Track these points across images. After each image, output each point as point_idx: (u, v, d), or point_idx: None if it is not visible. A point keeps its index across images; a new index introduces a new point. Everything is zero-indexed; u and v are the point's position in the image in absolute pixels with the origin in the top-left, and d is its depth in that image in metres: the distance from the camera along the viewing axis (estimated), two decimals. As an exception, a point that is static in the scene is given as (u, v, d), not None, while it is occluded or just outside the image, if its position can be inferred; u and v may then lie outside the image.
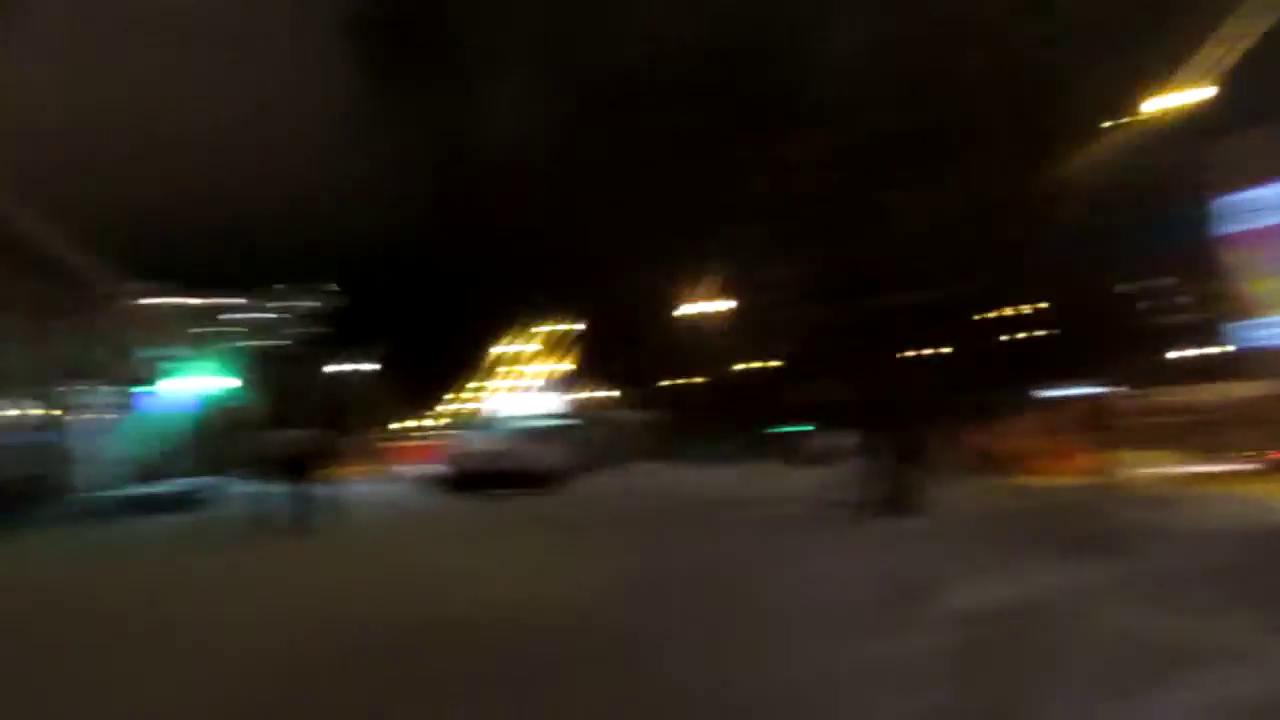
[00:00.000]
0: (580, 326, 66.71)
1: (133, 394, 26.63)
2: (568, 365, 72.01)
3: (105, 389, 24.92)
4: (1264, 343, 34.38)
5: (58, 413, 21.58)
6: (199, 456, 30.97)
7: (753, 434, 43.95)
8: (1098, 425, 27.34)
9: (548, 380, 72.89)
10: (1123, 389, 29.18)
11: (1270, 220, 34.74)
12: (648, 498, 26.70)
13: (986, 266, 13.64)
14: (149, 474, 26.23)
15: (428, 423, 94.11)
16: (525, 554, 12.52)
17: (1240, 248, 35.39)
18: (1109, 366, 26.30)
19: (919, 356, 23.13)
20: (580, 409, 67.65)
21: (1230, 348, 37.38)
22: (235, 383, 37.48)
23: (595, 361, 72.13)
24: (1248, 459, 26.77)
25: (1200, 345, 39.44)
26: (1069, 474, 29.79)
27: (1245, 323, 35.90)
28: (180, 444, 32.28)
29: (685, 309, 52.04)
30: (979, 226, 9.47)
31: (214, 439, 35.07)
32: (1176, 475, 26.57)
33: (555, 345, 69.83)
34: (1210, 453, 28.54)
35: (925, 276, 13.37)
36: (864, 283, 13.36)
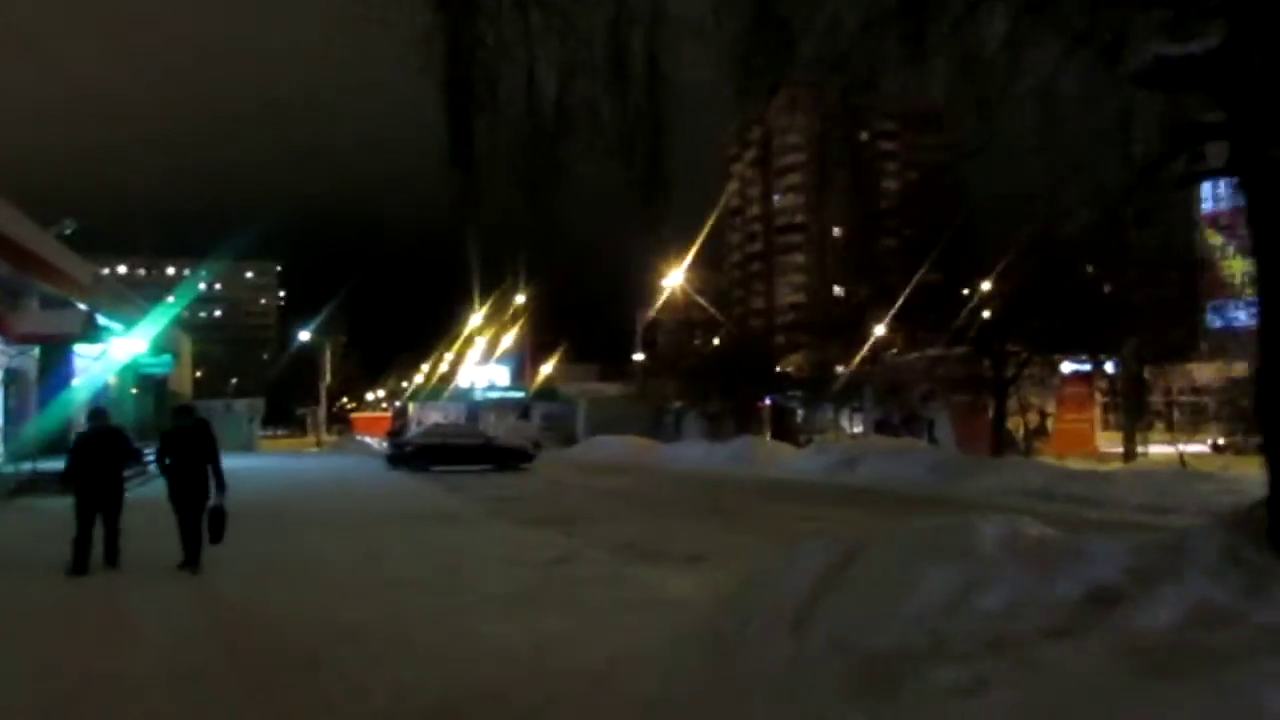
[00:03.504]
0: (547, 297, 63.82)
1: (45, 356, 22.86)
2: (534, 338, 68.94)
3: (9, 347, 21.22)
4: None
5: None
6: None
7: (737, 406, 41.47)
8: (1132, 402, 25.26)
9: (515, 353, 69.78)
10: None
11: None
12: (658, 482, 23.74)
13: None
14: (53, 449, 22.68)
15: (394, 393, 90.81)
16: (520, 575, 8.98)
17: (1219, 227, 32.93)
18: (1138, 338, 23.85)
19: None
20: (545, 383, 64.80)
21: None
22: (164, 353, 33.75)
23: (563, 334, 69.24)
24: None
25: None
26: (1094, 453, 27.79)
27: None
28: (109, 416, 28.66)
29: (669, 278, 49.47)
30: None
31: (136, 412, 31.51)
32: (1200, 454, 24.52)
33: (523, 317, 66.63)
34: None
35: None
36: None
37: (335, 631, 6.63)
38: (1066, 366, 28.74)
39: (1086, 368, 29.06)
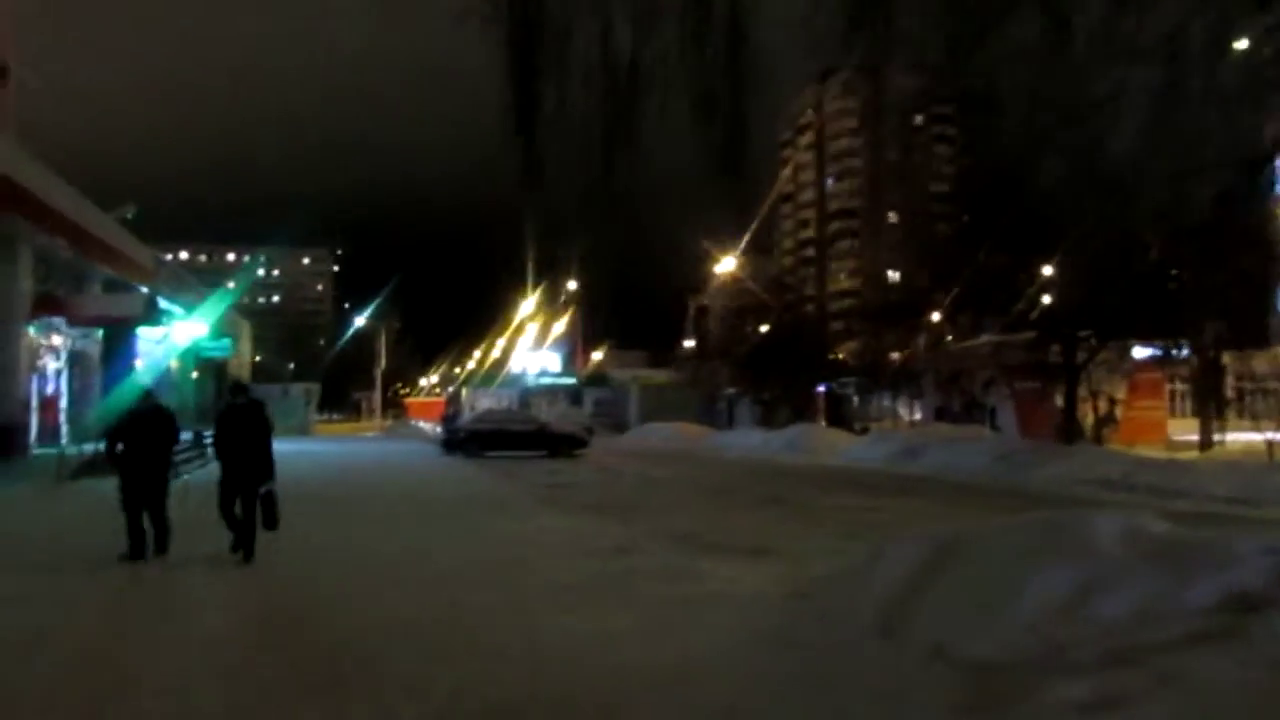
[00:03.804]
0: (599, 282, 63.57)
1: (108, 339, 23.15)
2: (585, 324, 68.86)
3: (72, 330, 21.53)
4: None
5: (16, 353, 18.22)
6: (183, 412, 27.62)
7: (792, 393, 40.88)
8: (1208, 389, 24.17)
9: (567, 339, 69.80)
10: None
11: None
12: (726, 473, 23.39)
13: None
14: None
15: (447, 379, 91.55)
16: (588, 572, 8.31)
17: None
18: (1218, 322, 22.76)
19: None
20: (596, 369, 64.69)
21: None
22: (224, 337, 34.17)
23: (614, 320, 69.03)
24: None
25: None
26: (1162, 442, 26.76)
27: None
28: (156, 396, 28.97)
29: (721, 264, 48.98)
30: None
31: (196, 395, 31.97)
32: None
33: (575, 303, 66.54)
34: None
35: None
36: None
37: (390, 627, 6.36)
38: (1138, 352, 27.70)
39: (1158, 353, 27.99)
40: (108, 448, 9.08)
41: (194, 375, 34.06)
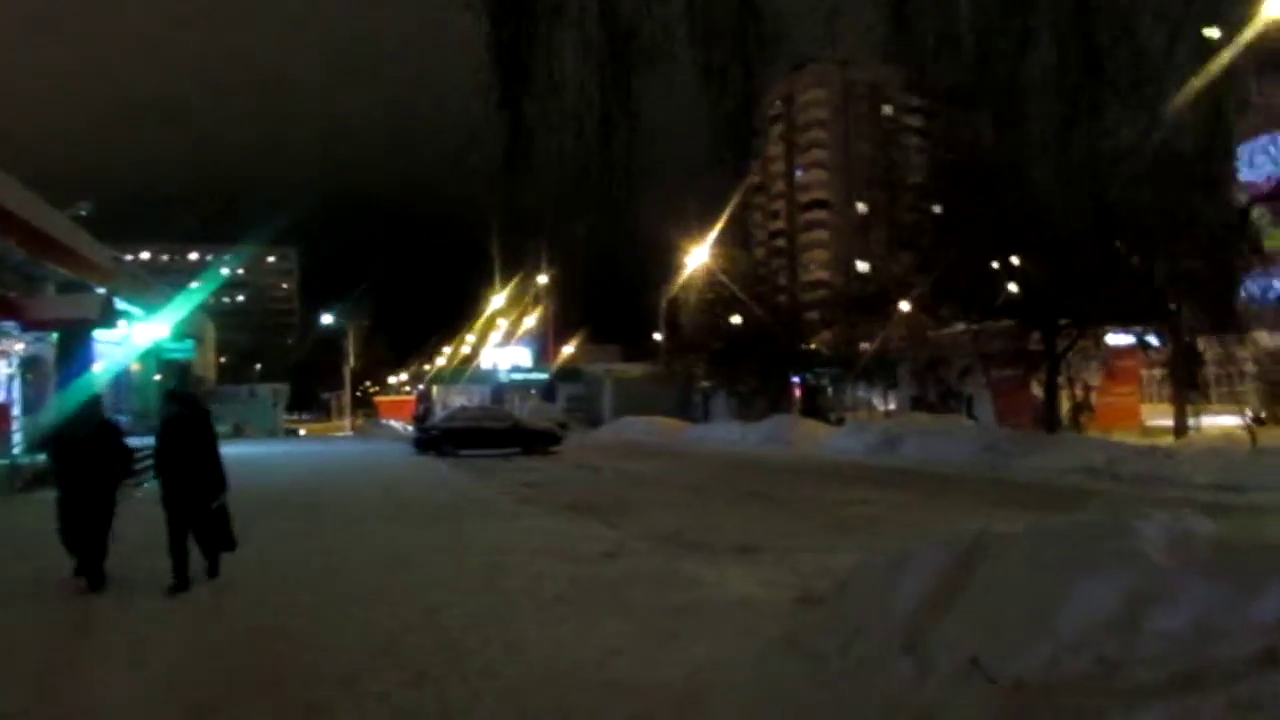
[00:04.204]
0: (574, 276, 62.84)
1: (63, 342, 22.30)
2: (557, 318, 68.19)
3: (25, 334, 20.66)
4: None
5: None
6: (139, 418, 26.86)
7: (764, 386, 40.64)
8: (1181, 375, 24.13)
9: (538, 334, 69.09)
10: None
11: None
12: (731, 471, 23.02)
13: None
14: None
15: (417, 376, 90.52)
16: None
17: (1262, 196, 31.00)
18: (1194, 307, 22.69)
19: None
20: (568, 364, 64.15)
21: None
22: (187, 338, 33.32)
23: (585, 314, 68.43)
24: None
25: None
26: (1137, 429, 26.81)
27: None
28: (114, 404, 28.10)
29: (694, 256, 48.57)
30: None
31: (158, 398, 31.11)
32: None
33: (546, 297, 65.79)
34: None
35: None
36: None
37: (372, 644, 5.94)
38: (1111, 339, 27.72)
39: (1131, 340, 28.02)
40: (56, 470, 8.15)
41: (156, 378, 33.18)
